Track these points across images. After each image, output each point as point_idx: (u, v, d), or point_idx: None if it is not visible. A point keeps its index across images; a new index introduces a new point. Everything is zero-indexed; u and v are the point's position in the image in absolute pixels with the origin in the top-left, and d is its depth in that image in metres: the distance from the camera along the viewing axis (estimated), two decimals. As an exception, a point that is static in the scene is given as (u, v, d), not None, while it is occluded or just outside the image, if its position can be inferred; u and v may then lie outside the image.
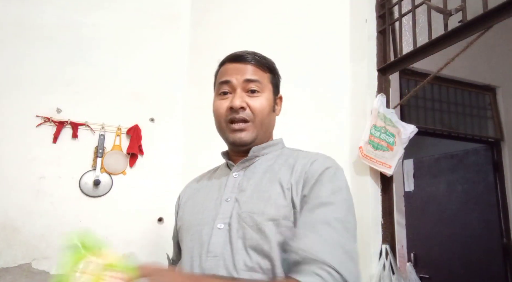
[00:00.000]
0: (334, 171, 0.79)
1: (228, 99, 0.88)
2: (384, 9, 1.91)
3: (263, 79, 0.90)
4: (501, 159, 2.87)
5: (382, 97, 1.77)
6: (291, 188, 0.78)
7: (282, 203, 0.77)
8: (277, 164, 0.86)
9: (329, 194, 0.74)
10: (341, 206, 0.74)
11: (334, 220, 0.70)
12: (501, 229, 2.76)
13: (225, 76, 0.90)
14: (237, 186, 0.85)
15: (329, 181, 0.77)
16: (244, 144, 0.88)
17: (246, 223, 0.76)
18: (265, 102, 0.88)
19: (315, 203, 0.73)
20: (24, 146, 2.01)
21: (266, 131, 0.91)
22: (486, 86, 2.90)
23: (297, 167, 0.82)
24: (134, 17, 2.40)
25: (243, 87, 0.87)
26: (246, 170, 0.89)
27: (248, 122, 0.86)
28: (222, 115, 0.88)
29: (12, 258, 1.88)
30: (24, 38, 2.12)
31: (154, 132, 2.31)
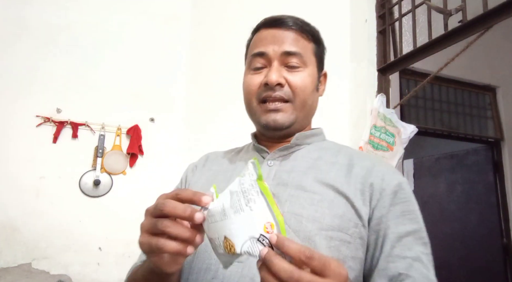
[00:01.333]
0: (407, 188, 0.67)
1: (262, 74, 0.71)
2: (384, 9, 1.91)
3: (306, 51, 0.72)
4: (501, 159, 2.87)
5: (382, 97, 1.77)
6: (353, 195, 0.63)
7: (338, 212, 0.62)
8: (323, 160, 0.70)
9: (414, 219, 0.63)
10: (425, 236, 0.63)
11: (423, 256, 0.60)
12: (501, 229, 2.76)
13: (259, 46, 0.71)
14: (273, 177, 0.68)
15: (407, 201, 0.65)
16: (280, 127, 0.70)
17: (291, 226, 0.61)
18: (308, 79, 0.71)
19: (403, 230, 0.61)
20: (24, 146, 2.01)
21: (307, 115, 0.74)
22: (486, 86, 2.90)
23: (356, 171, 0.67)
24: (134, 17, 2.40)
25: (281, 60, 0.69)
26: (284, 160, 0.72)
27: (286, 102, 0.69)
28: (254, 92, 0.71)
29: (12, 258, 1.88)
30: (24, 38, 2.12)
31: (154, 132, 2.31)
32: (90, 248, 2.04)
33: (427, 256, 0.60)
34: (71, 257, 1.99)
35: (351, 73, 1.88)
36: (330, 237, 0.60)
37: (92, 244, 2.05)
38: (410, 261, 0.58)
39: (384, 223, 0.62)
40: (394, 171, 0.70)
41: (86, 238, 2.04)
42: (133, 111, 2.28)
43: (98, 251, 2.05)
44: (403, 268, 0.58)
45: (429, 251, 0.61)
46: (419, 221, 0.63)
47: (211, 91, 2.34)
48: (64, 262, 1.97)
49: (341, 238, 0.60)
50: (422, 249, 0.60)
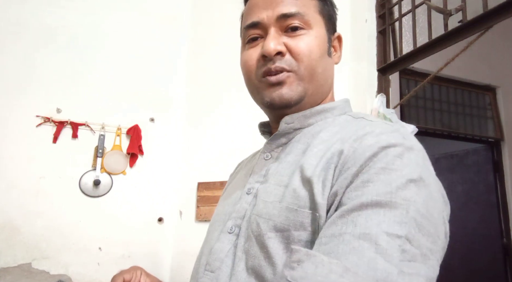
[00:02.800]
0: (399, 152, 0.44)
1: (259, 46, 0.59)
2: (384, 9, 1.91)
3: (309, 9, 0.59)
4: (501, 159, 2.87)
5: (382, 97, 1.77)
6: (316, 178, 0.48)
7: (295, 204, 0.48)
8: (317, 139, 0.56)
9: (384, 189, 0.41)
10: (405, 213, 0.39)
11: (384, 236, 0.38)
12: (501, 229, 2.76)
13: (251, 15, 0.60)
14: (264, 172, 0.59)
15: (386, 168, 0.42)
16: (287, 103, 0.57)
17: (252, 231, 0.51)
18: (314, 42, 0.57)
19: (355, 203, 0.41)
20: (24, 146, 2.01)
21: (320, 85, 0.60)
22: (486, 86, 2.90)
23: (336, 145, 0.50)
24: (134, 17, 2.40)
25: (279, 26, 0.57)
26: (282, 150, 0.60)
27: (289, 72, 0.56)
28: (252, 68, 0.60)
29: (12, 258, 1.88)
30: (24, 38, 2.12)
31: (154, 132, 2.31)
32: (90, 248, 2.04)
33: (394, 239, 0.37)
34: (71, 257, 1.99)
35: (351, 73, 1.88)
36: (287, 239, 0.46)
37: (92, 244, 2.05)
38: (348, 237, 0.38)
39: (337, 200, 0.44)
40: (386, 131, 0.48)
41: (86, 238, 2.04)
42: (133, 111, 2.28)
43: (98, 251, 2.05)
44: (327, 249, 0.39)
45: (404, 234, 0.38)
46: (393, 192, 0.41)
47: (211, 91, 2.34)
48: (64, 262, 1.97)
49: (300, 238, 0.46)
50: (385, 227, 0.38)
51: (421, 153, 0.47)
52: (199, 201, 2.17)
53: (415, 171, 0.43)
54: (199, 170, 2.25)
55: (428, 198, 0.42)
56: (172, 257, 2.20)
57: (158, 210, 2.23)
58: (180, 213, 2.26)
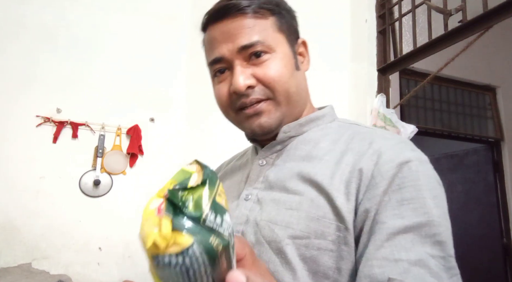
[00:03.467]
0: (417, 167, 0.50)
1: (227, 80, 0.60)
2: (384, 9, 1.91)
3: (267, 32, 0.58)
4: (501, 159, 2.87)
5: (382, 97, 1.77)
6: (335, 191, 0.51)
7: (316, 214, 0.50)
8: (320, 149, 0.58)
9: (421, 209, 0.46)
10: (442, 230, 0.46)
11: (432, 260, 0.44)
12: (501, 229, 2.76)
13: (213, 51, 0.60)
14: (262, 179, 0.60)
15: (414, 186, 0.48)
16: (268, 131, 0.59)
17: (264, 236, 0.52)
18: (281, 64, 0.58)
19: (398, 226, 0.45)
20: (24, 146, 2.01)
21: (297, 102, 0.61)
22: (486, 86, 2.90)
23: (347, 158, 0.53)
24: (134, 17, 2.40)
25: (242, 57, 0.57)
26: (277, 156, 0.62)
27: (265, 101, 0.58)
28: (227, 104, 0.61)
29: (12, 258, 1.88)
30: (24, 38, 2.12)
31: (154, 132, 2.31)
32: (90, 248, 2.04)
33: (439, 260, 0.44)
34: (71, 257, 1.99)
35: (351, 73, 1.88)
36: (305, 246, 0.49)
37: (92, 244, 2.05)
38: (405, 265, 0.43)
39: (371, 217, 0.47)
40: (399, 147, 0.52)
41: (86, 238, 2.04)
42: (133, 111, 2.28)
43: (98, 251, 2.05)
44: (394, 274, 0.43)
45: (444, 253, 0.44)
46: (429, 212, 0.46)
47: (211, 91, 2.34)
48: (64, 262, 1.97)
49: (320, 246, 0.49)
50: (429, 250, 0.44)
51: (429, 163, 0.53)
52: (199, 201, 2.17)
53: (434, 186, 0.50)
54: (199, 170, 2.24)
55: (446, 212, 0.50)
56: (172, 257, 2.20)
57: (158, 210, 2.23)
58: (180, 213, 2.25)
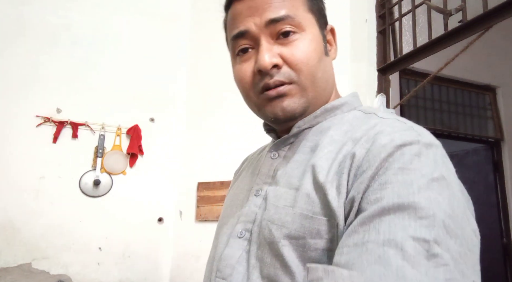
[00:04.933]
0: (416, 150, 0.42)
1: (252, 59, 0.55)
2: (384, 9, 1.91)
3: (298, 9, 0.54)
4: (501, 159, 2.87)
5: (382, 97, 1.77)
6: (329, 183, 0.46)
7: (309, 210, 0.46)
8: (326, 137, 0.53)
9: (405, 190, 0.38)
10: (431, 214, 0.37)
11: (411, 241, 0.35)
12: (501, 229, 2.76)
13: (237, 24, 0.56)
14: (272, 173, 0.56)
15: (404, 168, 0.40)
16: (292, 116, 0.55)
17: (265, 238, 0.49)
18: (310, 46, 0.54)
19: (375, 208, 0.38)
20: (24, 146, 2.01)
21: (322, 89, 0.57)
22: (486, 86, 2.90)
23: (346, 147, 0.48)
24: (134, 18, 2.40)
25: (269, 33, 0.53)
26: (290, 148, 0.58)
27: (290, 84, 0.53)
28: (249, 85, 0.56)
29: (12, 258, 1.88)
30: (24, 38, 2.12)
31: (154, 132, 2.31)
32: (90, 248, 2.04)
33: (421, 244, 0.35)
34: (71, 257, 1.99)
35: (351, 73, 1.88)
36: (302, 247, 0.45)
37: (92, 244, 2.05)
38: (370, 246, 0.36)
39: (356, 207, 0.41)
40: (400, 128, 0.46)
41: (86, 238, 2.04)
42: (133, 111, 2.28)
43: (98, 251, 2.05)
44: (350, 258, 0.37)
45: (430, 237, 0.35)
46: (415, 193, 0.38)
47: (211, 91, 2.34)
48: (64, 262, 1.97)
49: (317, 247, 0.44)
50: (411, 231, 0.35)
51: (439, 149, 0.45)
52: (199, 201, 2.17)
53: (436, 170, 0.41)
54: (199, 170, 2.25)
55: (452, 198, 0.40)
56: (172, 257, 2.20)
57: (158, 210, 2.23)
58: (180, 213, 2.26)
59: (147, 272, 2.12)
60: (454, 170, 0.45)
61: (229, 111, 2.23)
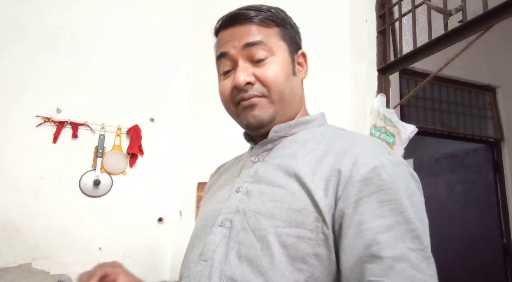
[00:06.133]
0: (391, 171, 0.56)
1: (231, 77, 0.68)
2: (384, 9, 1.91)
3: (270, 38, 0.67)
4: (501, 159, 2.87)
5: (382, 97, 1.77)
6: (315, 186, 0.57)
7: (297, 206, 0.57)
8: (305, 148, 0.65)
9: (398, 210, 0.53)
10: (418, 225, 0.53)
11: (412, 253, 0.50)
12: (501, 229, 2.76)
13: (220, 47, 0.70)
14: (253, 173, 0.67)
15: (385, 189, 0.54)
16: (261, 124, 0.67)
17: (249, 225, 0.59)
18: (278, 67, 0.66)
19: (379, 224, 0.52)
20: (24, 146, 2.01)
21: (290, 103, 0.69)
22: (486, 86, 2.90)
23: (329, 158, 0.60)
24: (134, 17, 2.40)
25: (245, 56, 0.66)
26: (268, 154, 0.70)
27: (261, 97, 0.66)
28: (228, 98, 0.69)
29: (12, 258, 1.88)
30: (24, 38, 2.12)
31: (154, 132, 2.31)
32: (90, 248, 2.04)
33: (419, 253, 0.50)
34: (71, 257, 1.99)
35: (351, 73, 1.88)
36: (286, 234, 0.56)
37: (92, 244, 2.05)
38: (389, 262, 0.48)
39: (350, 215, 0.54)
40: (375, 151, 0.59)
41: (86, 238, 2.04)
42: (133, 111, 2.28)
43: (98, 251, 2.05)
44: (379, 272, 0.48)
45: (422, 246, 0.51)
46: (405, 211, 0.52)
47: (211, 91, 2.34)
48: (64, 262, 1.97)
49: (299, 235, 0.56)
50: (410, 244, 0.50)
51: (402, 165, 0.59)
52: (199, 201, 2.17)
53: (408, 187, 0.56)
54: (199, 170, 2.25)
55: (419, 205, 0.56)
56: (172, 257, 2.20)
57: (158, 210, 2.23)
58: (180, 213, 2.26)
59: (147, 272, 2.12)
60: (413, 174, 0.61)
61: (229, 111, 2.22)
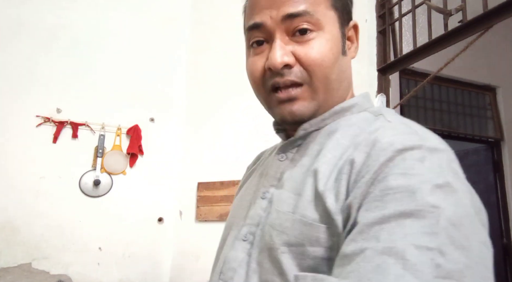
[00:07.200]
0: (419, 155, 0.40)
1: (264, 53, 0.53)
2: (384, 9, 1.91)
3: (318, 5, 0.52)
4: (501, 159, 2.87)
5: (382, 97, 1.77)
6: (329, 190, 0.45)
7: (310, 217, 0.44)
8: (333, 140, 0.51)
9: (407, 197, 0.36)
10: (434, 222, 0.34)
11: (412, 249, 0.33)
12: (501, 229, 2.76)
13: (253, 15, 0.53)
14: (279, 176, 0.55)
15: (405, 174, 0.38)
16: (300, 120, 0.53)
17: (266, 243, 0.48)
18: (326, 46, 0.51)
19: (376, 216, 0.36)
20: (24, 146, 2.01)
21: (336, 91, 0.55)
22: (486, 86, 2.90)
23: (349, 151, 0.47)
24: (134, 18, 2.40)
25: (285, 28, 0.51)
26: (297, 150, 0.56)
27: (301, 86, 0.51)
28: (259, 80, 0.54)
29: (12, 258, 1.88)
30: (24, 38, 2.12)
31: (154, 132, 2.31)
32: (90, 248, 2.04)
33: (425, 252, 0.32)
34: (71, 257, 1.99)
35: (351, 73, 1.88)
36: (301, 254, 0.43)
37: (92, 244, 2.05)
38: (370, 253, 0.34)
39: (353, 214, 0.39)
40: (407, 136, 0.43)
41: (86, 238, 2.04)
42: (133, 111, 2.28)
43: (98, 251, 2.05)
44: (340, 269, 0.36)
45: (435, 245, 0.33)
46: (419, 199, 0.36)
47: (211, 91, 2.34)
48: (64, 262, 1.97)
49: (316, 255, 0.42)
50: (414, 239, 0.33)
51: (446, 154, 0.42)
52: (199, 201, 2.17)
53: (440, 176, 0.38)
54: (199, 170, 2.25)
55: (457, 206, 0.36)
56: (172, 257, 2.20)
57: (158, 210, 2.23)
58: (180, 213, 2.26)
59: (147, 272, 2.12)
60: (463, 176, 0.42)
61: (229, 111, 2.23)
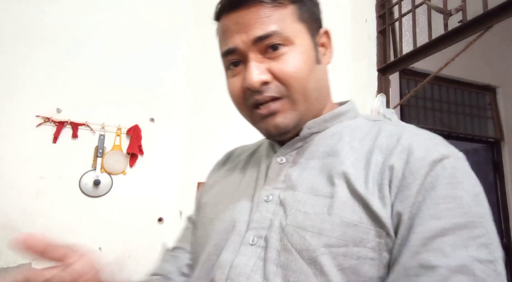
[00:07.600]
0: (453, 164, 0.46)
1: (241, 74, 0.55)
2: (384, 9, 1.91)
3: (285, 22, 0.53)
4: (501, 159, 2.87)
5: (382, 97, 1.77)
6: (370, 194, 0.46)
7: (352, 219, 0.46)
8: (343, 144, 0.54)
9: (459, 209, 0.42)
10: (485, 232, 0.41)
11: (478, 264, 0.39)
12: (501, 229, 2.76)
13: (226, 41, 0.55)
14: (284, 178, 0.55)
15: (450, 183, 0.44)
16: (285, 131, 0.55)
17: (293, 244, 0.47)
18: (300, 58, 0.53)
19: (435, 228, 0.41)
20: (24, 146, 2.01)
21: (316, 99, 0.56)
22: (486, 86, 2.90)
23: (376, 157, 0.49)
24: (134, 18, 2.40)
25: (257, 49, 0.53)
26: (298, 153, 0.57)
27: (280, 99, 0.53)
28: (240, 100, 0.57)
29: (12, 258, 1.88)
30: (24, 38, 2.12)
31: (154, 132, 2.31)
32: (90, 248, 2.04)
33: (487, 265, 0.39)
34: (71, 257, 1.99)
35: (351, 73, 1.88)
36: (343, 255, 0.45)
37: (92, 244, 2.05)
38: (444, 272, 0.38)
39: (405, 221, 0.43)
40: (431, 143, 0.49)
41: (86, 238, 2.04)
42: (133, 111, 2.28)
43: (98, 251, 2.05)
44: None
45: (492, 257, 0.40)
46: (468, 212, 0.42)
47: (211, 91, 2.34)
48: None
49: (359, 255, 0.45)
50: (475, 253, 0.39)
51: (465, 160, 0.49)
52: (199, 201, 2.17)
53: (474, 184, 0.45)
54: (199, 170, 2.25)
55: (488, 209, 0.44)
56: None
57: (158, 210, 2.23)
58: (180, 213, 2.26)
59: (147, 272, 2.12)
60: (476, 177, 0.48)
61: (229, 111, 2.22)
